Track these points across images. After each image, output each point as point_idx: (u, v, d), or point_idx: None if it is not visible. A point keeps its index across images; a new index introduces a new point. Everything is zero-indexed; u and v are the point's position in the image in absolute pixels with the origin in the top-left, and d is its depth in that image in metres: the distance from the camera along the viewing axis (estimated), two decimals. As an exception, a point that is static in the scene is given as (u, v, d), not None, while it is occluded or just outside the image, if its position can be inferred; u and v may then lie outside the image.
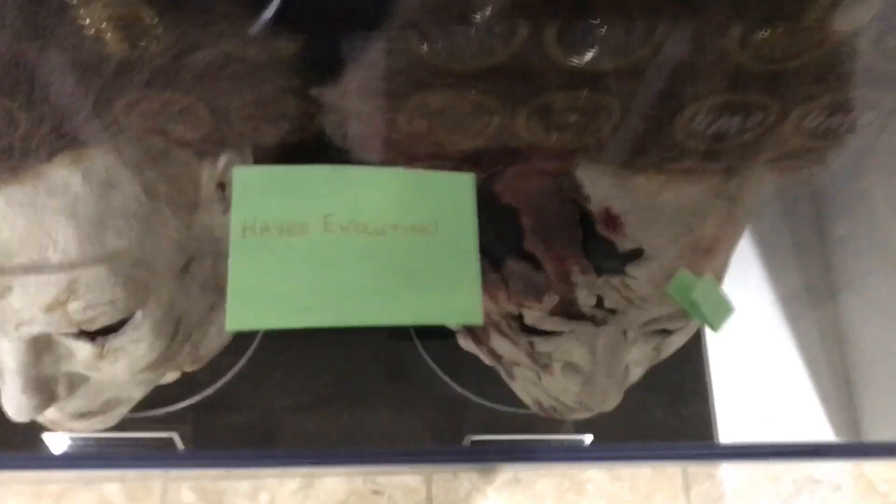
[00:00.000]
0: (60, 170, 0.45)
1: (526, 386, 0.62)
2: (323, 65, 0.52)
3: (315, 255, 0.35)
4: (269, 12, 0.49)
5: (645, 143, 0.44)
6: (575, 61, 0.43)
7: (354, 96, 0.51)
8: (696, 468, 0.88)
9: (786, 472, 0.88)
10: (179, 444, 0.76)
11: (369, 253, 0.35)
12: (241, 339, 0.80)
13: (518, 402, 0.74)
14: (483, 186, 0.51)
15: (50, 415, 0.56)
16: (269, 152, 0.63)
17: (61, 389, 0.54)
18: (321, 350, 0.85)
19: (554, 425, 0.76)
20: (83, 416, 0.58)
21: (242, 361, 0.82)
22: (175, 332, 0.57)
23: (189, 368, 0.70)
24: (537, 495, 0.84)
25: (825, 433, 0.88)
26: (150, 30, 0.41)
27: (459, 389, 0.82)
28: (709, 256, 0.50)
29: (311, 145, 0.71)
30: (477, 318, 0.36)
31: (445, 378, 0.81)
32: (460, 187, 0.38)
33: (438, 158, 0.50)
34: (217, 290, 0.63)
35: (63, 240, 0.46)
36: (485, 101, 0.45)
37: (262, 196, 0.35)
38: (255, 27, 0.48)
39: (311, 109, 0.55)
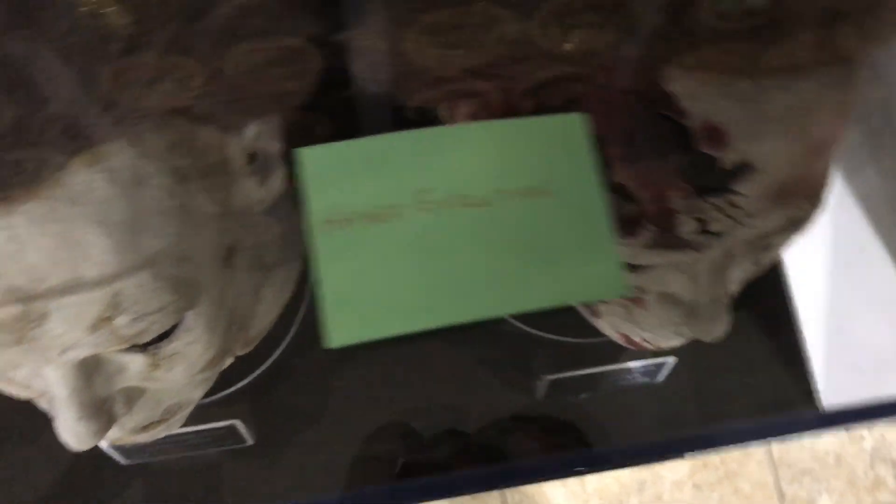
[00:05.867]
0: (80, 174, 0.39)
1: (613, 321, 0.56)
2: (346, 6, 0.45)
3: (414, 242, 0.29)
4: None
5: (749, 41, 0.37)
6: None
7: (391, 33, 0.44)
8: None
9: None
10: (244, 432, 0.72)
11: (478, 229, 0.29)
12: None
13: (588, 333, 0.69)
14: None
15: (111, 434, 0.51)
16: (295, 116, 0.56)
17: (119, 408, 0.49)
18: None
19: (633, 353, 0.71)
20: (145, 428, 0.53)
21: (291, 333, 0.77)
22: (230, 325, 0.52)
23: (241, 352, 0.65)
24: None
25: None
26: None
27: (524, 328, 0.77)
28: (821, 156, 0.44)
29: (339, 101, 0.64)
30: (622, 290, 0.31)
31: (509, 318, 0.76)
32: (570, 132, 0.31)
33: (500, 92, 0.44)
34: (261, 268, 0.58)
35: (97, 252, 0.40)
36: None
37: (340, 180, 0.29)
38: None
39: (336, 59, 0.48)
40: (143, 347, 0.46)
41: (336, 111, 0.68)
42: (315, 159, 0.29)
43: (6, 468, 0.77)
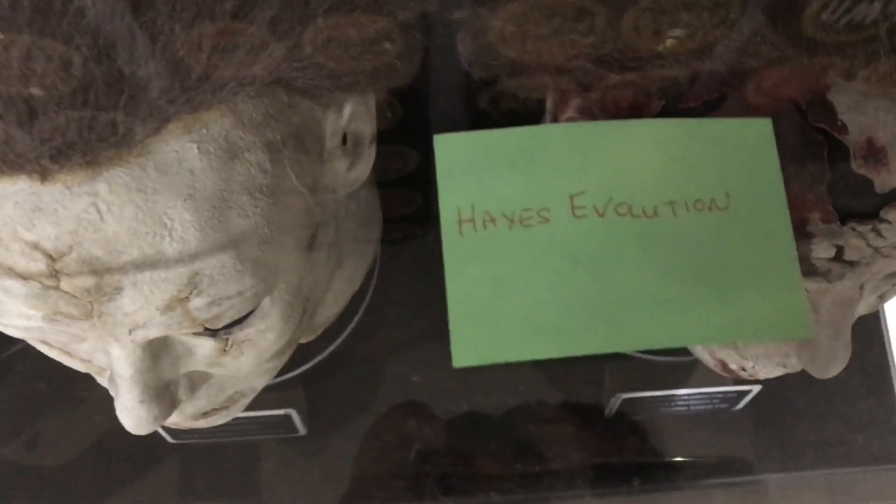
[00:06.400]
0: (171, 142, 0.35)
1: (709, 346, 0.52)
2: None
3: (562, 253, 0.25)
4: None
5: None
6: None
7: (516, 10, 0.41)
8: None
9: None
10: (297, 421, 0.69)
11: (640, 244, 0.25)
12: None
13: (666, 350, 0.65)
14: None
15: (169, 419, 0.48)
16: (392, 97, 0.53)
17: (182, 392, 0.46)
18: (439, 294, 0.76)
19: (712, 377, 0.67)
20: (205, 415, 0.50)
21: (353, 323, 0.73)
22: (303, 313, 0.48)
23: (304, 340, 0.62)
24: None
25: None
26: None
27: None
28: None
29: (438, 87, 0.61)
30: (805, 331, 0.26)
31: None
32: (755, 140, 0.27)
33: (628, 86, 0.40)
34: (337, 256, 0.54)
35: (180, 227, 0.37)
36: None
37: (479, 173, 0.25)
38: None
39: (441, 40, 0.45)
40: (214, 332, 0.43)
41: (405, 95, 0.65)
42: (451, 148, 0.25)
43: (47, 430, 0.75)
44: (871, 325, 0.75)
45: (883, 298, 0.48)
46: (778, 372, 0.52)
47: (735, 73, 0.38)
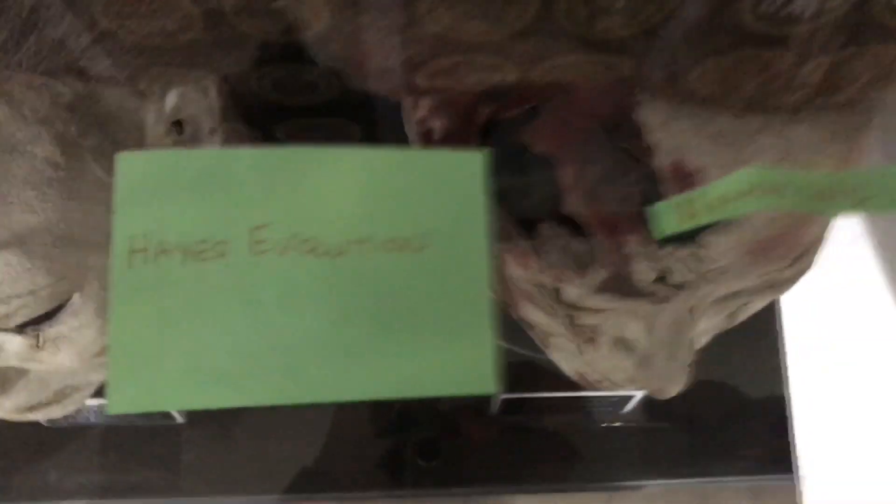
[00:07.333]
0: None
1: (565, 356, 0.50)
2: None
3: (238, 291, 0.23)
4: None
5: (738, 71, 0.30)
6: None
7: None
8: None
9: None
10: (177, 415, 0.67)
11: (322, 286, 0.23)
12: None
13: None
14: (511, 130, 0.38)
15: (-9, 411, 0.46)
16: (239, 85, 0.50)
17: (-9, 388, 0.43)
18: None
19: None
20: (31, 409, 0.48)
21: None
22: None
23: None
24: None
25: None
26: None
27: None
28: (812, 216, 0.37)
29: (291, 72, 0.58)
30: (488, 387, 0.24)
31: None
32: (462, 174, 0.25)
33: (453, 92, 0.38)
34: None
35: None
36: None
37: (160, 199, 0.22)
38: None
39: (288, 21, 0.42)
40: (19, 329, 0.41)
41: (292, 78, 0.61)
42: (135, 167, 0.23)
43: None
44: (765, 324, 0.73)
45: (734, 317, 0.46)
46: (632, 387, 0.50)
47: (539, 83, 0.35)
